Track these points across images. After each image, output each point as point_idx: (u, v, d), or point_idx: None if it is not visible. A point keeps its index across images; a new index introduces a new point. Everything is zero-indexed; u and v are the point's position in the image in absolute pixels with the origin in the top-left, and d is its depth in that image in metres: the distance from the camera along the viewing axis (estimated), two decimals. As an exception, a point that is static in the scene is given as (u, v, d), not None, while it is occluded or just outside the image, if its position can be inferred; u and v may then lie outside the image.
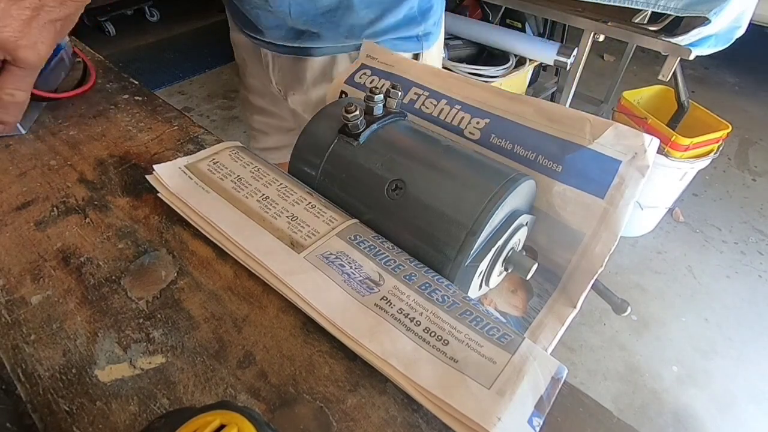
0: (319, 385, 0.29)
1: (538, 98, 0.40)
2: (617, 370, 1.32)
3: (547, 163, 0.37)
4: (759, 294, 1.54)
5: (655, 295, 1.53)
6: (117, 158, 0.45)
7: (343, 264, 0.33)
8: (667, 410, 1.24)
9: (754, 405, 1.26)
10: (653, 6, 1.19)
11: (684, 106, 1.52)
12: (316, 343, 0.31)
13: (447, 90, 0.43)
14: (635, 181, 0.34)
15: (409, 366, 0.28)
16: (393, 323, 0.30)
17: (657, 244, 1.69)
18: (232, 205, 0.37)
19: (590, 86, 2.35)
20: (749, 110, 2.42)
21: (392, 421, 0.27)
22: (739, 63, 2.72)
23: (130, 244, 0.37)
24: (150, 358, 0.30)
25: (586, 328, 1.42)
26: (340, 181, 0.38)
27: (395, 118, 0.39)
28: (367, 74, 0.47)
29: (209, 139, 0.48)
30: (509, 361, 0.28)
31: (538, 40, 1.69)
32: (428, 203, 0.34)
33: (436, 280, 0.33)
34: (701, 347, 1.39)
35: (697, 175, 1.54)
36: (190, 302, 0.33)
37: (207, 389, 0.28)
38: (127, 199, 0.41)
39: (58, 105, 0.51)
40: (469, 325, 0.30)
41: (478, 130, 0.40)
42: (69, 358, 0.29)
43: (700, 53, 1.23)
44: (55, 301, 0.32)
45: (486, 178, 0.34)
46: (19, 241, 0.37)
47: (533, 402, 0.27)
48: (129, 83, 0.56)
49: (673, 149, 1.41)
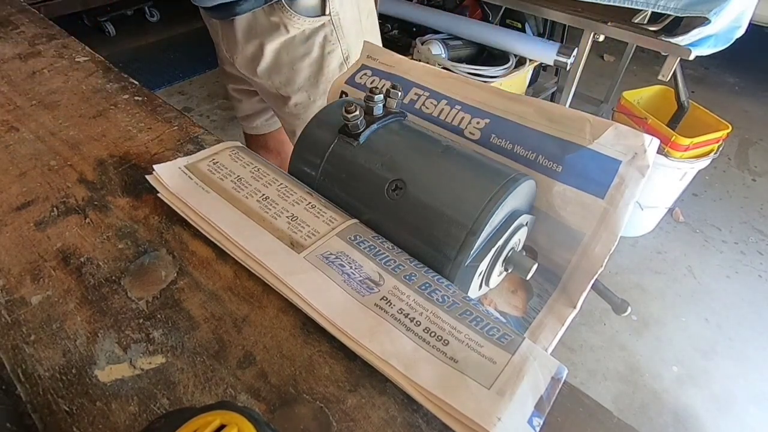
0: (319, 385, 0.29)
1: (538, 98, 0.40)
2: (617, 370, 1.32)
3: (547, 163, 0.37)
4: (759, 294, 1.54)
5: (655, 295, 1.53)
6: (117, 158, 0.45)
7: (343, 264, 0.33)
8: (667, 410, 1.24)
9: (754, 405, 1.26)
10: (653, 6, 1.19)
11: (684, 106, 1.52)
12: (316, 344, 0.31)
13: (447, 90, 0.43)
14: (635, 181, 0.34)
15: (409, 366, 0.28)
16: (393, 323, 0.30)
17: (657, 244, 1.69)
18: (232, 205, 0.37)
19: (590, 86, 2.35)
20: (749, 110, 2.42)
21: (392, 421, 0.27)
22: (739, 63, 2.72)
23: (130, 244, 0.37)
24: (150, 359, 0.30)
25: (586, 328, 1.42)
26: (340, 181, 0.38)
27: (395, 119, 0.39)
28: (367, 74, 0.47)
29: (209, 139, 0.48)
30: (509, 362, 0.28)
31: (538, 40, 1.69)
32: (428, 203, 0.34)
33: (436, 280, 0.33)
34: (701, 347, 1.39)
35: (697, 175, 1.54)
36: (190, 302, 0.33)
37: (207, 389, 0.28)
38: (127, 199, 0.41)
39: (59, 105, 0.51)
40: (469, 325, 0.30)
41: (478, 130, 0.40)
42: (69, 358, 0.29)
43: (700, 53, 1.23)
44: (55, 302, 0.32)
45: (486, 178, 0.34)
46: (19, 241, 0.37)
47: (533, 402, 0.27)
48: (129, 83, 0.56)
49: (673, 149, 1.41)
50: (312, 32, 0.71)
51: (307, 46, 0.73)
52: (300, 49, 0.73)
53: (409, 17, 1.84)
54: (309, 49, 0.73)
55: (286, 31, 0.70)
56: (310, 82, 0.77)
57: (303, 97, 0.78)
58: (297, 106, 0.79)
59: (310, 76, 0.76)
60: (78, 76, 0.57)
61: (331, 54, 0.74)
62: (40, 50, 0.63)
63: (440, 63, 1.66)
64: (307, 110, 0.80)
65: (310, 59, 0.74)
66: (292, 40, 0.71)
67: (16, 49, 0.63)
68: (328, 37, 0.73)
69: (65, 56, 0.62)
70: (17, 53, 0.62)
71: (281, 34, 0.70)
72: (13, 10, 0.74)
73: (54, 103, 0.52)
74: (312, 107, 0.79)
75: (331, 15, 0.71)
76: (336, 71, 0.76)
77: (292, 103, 0.79)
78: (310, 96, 0.78)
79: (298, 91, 0.77)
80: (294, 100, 0.78)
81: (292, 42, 0.72)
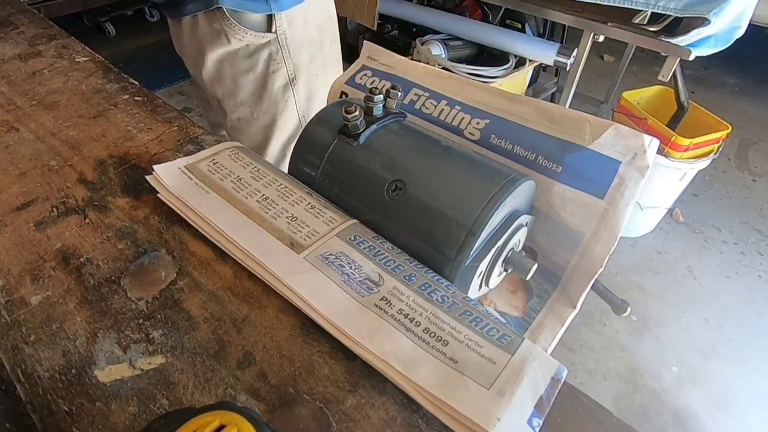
0: (319, 385, 0.29)
1: (537, 99, 0.40)
2: (617, 371, 1.32)
3: (547, 164, 0.37)
4: (759, 294, 1.54)
5: (655, 295, 1.53)
6: (117, 159, 0.45)
7: (342, 264, 0.33)
8: (667, 410, 1.24)
9: (754, 405, 1.26)
10: (653, 6, 1.19)
11: (684, 107, 1.52)
12: (316, 344, 0.31)
13: (447, 91, 0.43)
14: (635, 182, 0.34)
15: (408, 366, 0.28)
16: (393, 324, 0.30)
17: (657, 244, 1.69)
18: (231, 206, 0.37)
19: (590, 86, 2.35)
20: (749, 110, 2.42)
21: (392, 421, 0.27)
22: (739, 63, 2.72)
23: (130, 245, 0.37)
24: (150, 359, 0.30)
25: (586, 329, 1.42)
26: (340, 181, 0.38)
27: (395, 119, 0.39)
28: (367, 75, 0.47)
29: (209, 140, 0.48)
30: (509, 362, 0.28)
31: (537, 40, 1.69)
32: (428, 203, 0.34)
33: (435, 280, 0.33)
34: (701, 347, 1.39)
35: (697, 176, 1.54)
36: (189, 302, 0.33)
37: (207, 390, 0.28)
38: (127, 199, 0.41)
39: (58, 105, 0.51)
40: (468, 326, 0.30)
41: (478, 130, 0.40)
42: (69, 358, 0.29)
43: (700, 54, 1.23)
44: (55, 302, 0.32)
45: (486, 178, 0.34)
46: (19, 241, 0.37)
47: (533, 402, 0.27)
48: (129, 83, 0.56)
49: (673, 150, 1.41)
50: (256, 48, 0.70)
51: (251, 62, 0.71)
52: (243, 63, 0.71)
53: (409, 17, 1.84)
54: (253, 65, 0.71)
55: (227, 42, 0.68)
56: (253, 98, 0.75)
57: (246, 112, 0.77)
58: (240, 120, 0.78)
59: (254, 92, 0.74)
60: (78, 77, 0.57)
61: (276, 73, 0.73)
62: (40, 50, 0.63)
63: (440, 63, 1.66)
64: (249, 126, 0.78)
65: (254, 74, 0.72)
66: (236, 54, 0.70)
67: (16, 49, 0.63)
68: (273, 55, 0.71)
69: (65, 56, 0.62)
70: (17, 53, 0.62)
71: (222, 43, 0.69)
72: (13, 11, 0.74)
73: (54, 104, 0.52)
74: (254, 124, 0.78)
75: (277, 33, 0.69)
76: (280, 90, 0.74)
77: (234, 117, 0.77)
78: (253, 112, 0.77)
79: (241, 105, 0.76)
80: (237, 114, 0.77)
81: (235, 55, 0.70)
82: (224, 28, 0.67)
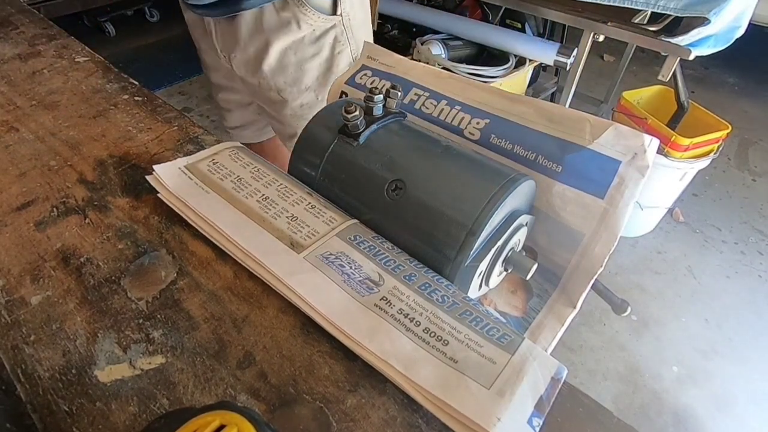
0: (319, 385, 0.29)
1: (537, 98, 0.40)
2: (617, 371, 1.32)
3: (547, 164, 0.37)
4: (759, 294, 1.54)
5: (655, 295, 1.53)
6: (117, 158, 0.45)
7: (342, 264, 0.33)
8: (667, 410, 1.24)
9: (754, 405, 1.26)
10: (653, 6, 1.19)
11: (684, 107, 1.52)
12: (316, 344, 0.31)
13: (447, 91, 0.43)
14: (635, 182, 0.34)
15: (408, 366, 0.28)
16: (393, 323, 0.30)
17: (657, 244, 1.69)
18: (232, 206, 0.37)
19: (590, 86, 2.35)
20: (749, 110, 2.42)
21: (392, 421, 0.27)
22: (739, 63, 2.72)
23: (130, 245, 0.37)
24: (150, 359, 0.30)
25: (586, 329, 1.42)
26: (340, 181, 0.38)
27: (395, 119, 0.39)
28: (367, 75, 0.47)
29: (209, 140, 0.48)
30: (509, 362, 0.28)
31: (537, 40, 1.69)
32: (428, 203, 0.34)
33: (435, 280, 0.33)
34: (701, 347, 1.39)
35: (697, 175, 1.54)
36: (190, 302, 0.33)
37: (207, 390, 0.28)
38: (127, 199, 0.41)
39: (58, 105, 0.51)
40: (469, 326, 0.30)
41: (478, 130, 0.40)
42: (69, 358, 0.29)
43: (700, 53, 1.23)
44: (55, 302, 0.32)
45: (486, 178, 0.34)
46: (19, 241, 0.37)
47: (533, 402, 0.27)
48: (129, 83, 0.56)
49: (673, 149, 1.41)
50: (322, 33, 0.71)
51: (317, 47, 0.72)
52: (309, 49, 0.73)
53: (409, 17, 1.84)
54: (319, 50, 0.73)
55: (297, 28, 0.69)
56: (318, 82, 0.76)
57: (310, 97, 0.78)
58: (303, 106, 0.79)
59: (319, 76, 0.76)
60: (78, 77, 0.57)
61: (341, 54, 0.74)
62: (40, 50, 0.63)
63: (440, 63, 1.65)
64: (312, 110, 0.79)
65: (320, 59, 0.74)
66: (302, 41, 0.71)
67: (16, 49, 0.63)
68: (338, 37, 0.73)
69: (65, 56, 0.62)
70: (17, 53, 0.62)
71: (290, 31, 0.69)
72: (13, 11, 0.74)
73: (54, 104, 0.52)
74: (318, 107, 0.79)
75: (342, 15, 0.71)
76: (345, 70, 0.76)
77: (296, 104, 0.78)
78: (318, 96, 0.78)
79: (305, 91, 0.77)
80: (300, 100, 0.78)
81: (301, 42, 0.71)
82: (296, 14, 0.68)
